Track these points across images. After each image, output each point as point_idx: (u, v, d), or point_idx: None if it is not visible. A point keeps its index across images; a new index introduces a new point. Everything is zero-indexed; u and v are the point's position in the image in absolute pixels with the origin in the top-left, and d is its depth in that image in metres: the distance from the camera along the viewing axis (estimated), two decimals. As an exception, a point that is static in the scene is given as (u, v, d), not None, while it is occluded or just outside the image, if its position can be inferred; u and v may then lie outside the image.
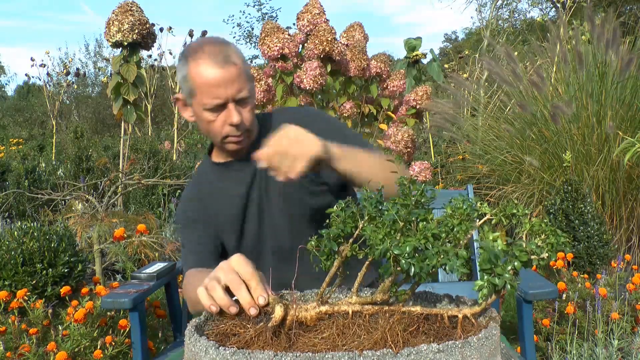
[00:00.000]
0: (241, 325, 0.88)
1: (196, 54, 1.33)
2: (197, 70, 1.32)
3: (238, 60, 1.33)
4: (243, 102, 1.35)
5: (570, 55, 3.59)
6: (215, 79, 1.31)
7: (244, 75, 1.34)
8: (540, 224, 0.83)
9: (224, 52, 1.32)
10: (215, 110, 1.34)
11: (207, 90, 1.32)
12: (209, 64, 1.31)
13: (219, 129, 1.37)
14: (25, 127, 15.81)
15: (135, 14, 3.92)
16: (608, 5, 11.32)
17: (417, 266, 0.79)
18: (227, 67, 1.31)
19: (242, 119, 1.36)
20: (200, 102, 1.34)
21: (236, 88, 1.32)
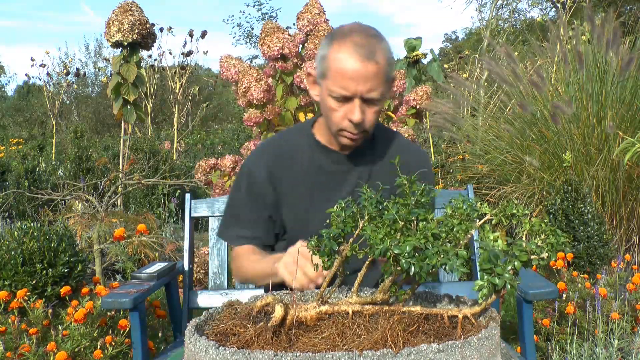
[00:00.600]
0: (241, 325, 0.88)
1: (343, 38, 1.28)
2: (337, 55, 1.28)
3: (382, 59, 1.28)
4: (371, 102, 1.31)
5: (570, 55, 3.59)
6: (351, 70, 1.26)
7: (382, 75, 1.29)
8: (540, 224, 0.83)
9: (370, 46, 1.27)
10: (340, 101, 1.31)
11: (338, 78, 1.28)
12: (350, 53, 1.26)
13: (338, 120, 1.34)
14: (25, 127, 15.81)
15: (135, 14, 3.92)
16: (608, 5, 11.32)
17: (417, 266, 0.79)
18: (367, 62, 1.26)
19: (364, 119, 1.32)
20: (328, 86, 1.31)
21: (368, 86, 1.28)
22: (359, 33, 1.29)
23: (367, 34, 1.29)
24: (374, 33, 1.31)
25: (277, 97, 3.44)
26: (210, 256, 1.99)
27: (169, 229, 4.13)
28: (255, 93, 3.28)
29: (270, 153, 1.50)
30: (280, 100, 3.46)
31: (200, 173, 3.74)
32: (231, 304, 0.97)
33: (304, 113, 3.47)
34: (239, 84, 3.35)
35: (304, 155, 1.47)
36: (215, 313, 0.96)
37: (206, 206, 2.00)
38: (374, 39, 1.29)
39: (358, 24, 1.33)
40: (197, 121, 13.24)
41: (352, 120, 1.31)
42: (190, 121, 12.62)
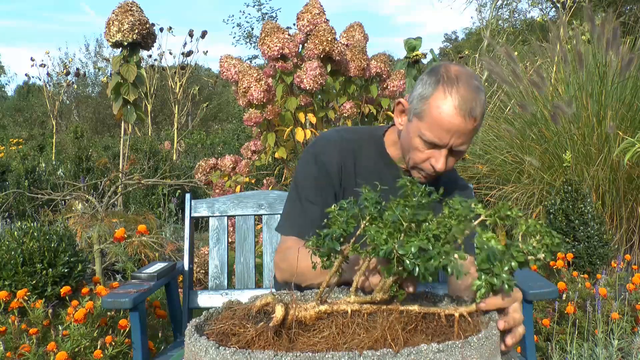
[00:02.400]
0: (241, 325, 0.88)
1: (449, 86, 1.26)
2: (439, 103, 1.26)
3: (480, 115, 1.28)
4: (457, 153, 1.33)
5: (570, 55, 3.59)
6: (450, 124, 1.26)
7: (474, 131, 1.30)
8: (536, 225, 0.84)
9: (473, 101, 1.26)
10: (428, 147, 1.31)
11: (435, 127, 1.27)
12: (454, 106, 1.25)
13: (420, 160, 1.34)
14: (25, 127, 15.82)
15: (135, 14, 3.92)
16: (608, 5, 11.32)
17: (422, 266, 0.79)
18: (468, 120, 1.26)
19: (446, 168, 1.33)
20: (421, 129, 1.30)
21: (460, 141, 1.29)
22: (465, 83, 1.27)
23: (472, 85, 1.28)
24: (477, 85, 1.29)
25: (277, 97, 3.44)
26: (210, 256, 1.99)
27: (169, 229, 4.13)
28: (255, 93, 3.28)
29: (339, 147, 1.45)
30: (280, 100, 3.46)
31: (200, 173, 3.74)
32: (231, 304, 0.97)
33: (304, 113, 3.47)
34: (239, 84, 3.35)
35: (369, 160, 1.46)
36: (216, 313, 0.96)
37: (206, 206, 2.01)
38: (477, 93, 1.28)
39: (464, 70, 1.31)
40: (197, 121, 13.25)
41: (435, 167, 1.32)
42: (190, 121, 12.63)
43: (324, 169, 1.42)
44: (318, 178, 1.42)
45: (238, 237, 2.00)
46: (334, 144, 1.45)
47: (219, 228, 2.00)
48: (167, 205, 4.97)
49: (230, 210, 1.99)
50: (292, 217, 1.43)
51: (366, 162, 1.45)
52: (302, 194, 1.42)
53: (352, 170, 1.43)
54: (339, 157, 1.43)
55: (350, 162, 1.43)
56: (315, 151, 1.45)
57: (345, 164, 1.43)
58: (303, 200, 1.42)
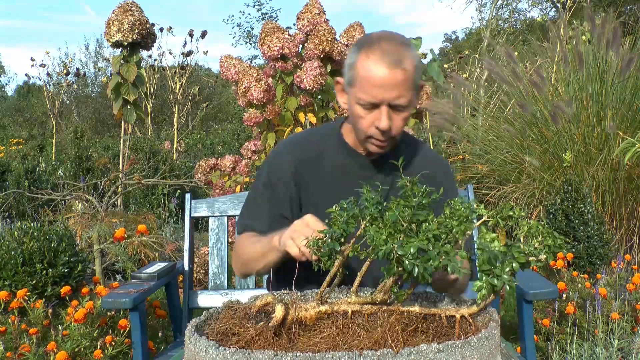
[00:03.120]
0: (241, 325, 0.88)
1: (371, 46, 1.29)
2: (365, 63, 1.28)
3: (410, 66, 1.28)
4: (398, 108, 1.32)
5: (570, 55, 3.59)
6: (378, 78, 1.27)
7: (409, 82, 1.29)
8: (538, 226, 0.84)
9: (398, 53, 1.27)
10: (368, 108, 1.31)
11: (366, 86, 1.29)
12: (378, 61, 1.27)
13: (365, 127, 1.34)
14: (25, 127, 15.82)
15: (135, 14, 3.92)
16: (608, 5, 11.33)
17: (421, 267, 0.79)
18: (395, 70, 1.26)
19: (391, 126, 1.32)
20: (356, 94, 1.32)
21: (395, 93, 1.28)
22: (387, 40, 1.30)
23: (395, 41, 1.30)
24: (402, 40, 1.31)
25: (277, 97, 3.44)
26: (210, 256, 1.99)
27: (169, 229, 4.13)
28: (255, 93, 3.28)
29: (298, 149, 1.48)
30: (280, 100, 3.46)
31: (200, 173, 3.74)
32: (231, 304, 0.97)
33: (304, 113, 3.47)
34: (239, 84, 3.35)
35: (331, 155, 1.47)
36: (215, 313, 0.96)
37: (206, 206, 2.01)
38: (401, 47, 1.29)
39: (386, 32, 1.34)
40: (197, 121, 13.25)
41: (379, 127, 1.31)
42: (190, 121, 12.62)
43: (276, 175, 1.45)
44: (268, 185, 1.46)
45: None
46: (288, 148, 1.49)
47: (219, 228, 2.00)
48: (167, 205, 4.96)
49: (230, 210, 1.99)
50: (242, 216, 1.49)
51: (327, 157, 1.46)
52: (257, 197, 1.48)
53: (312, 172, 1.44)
54: (293, 161, 1.45)
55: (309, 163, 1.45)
56: (270, 160, 1.50)
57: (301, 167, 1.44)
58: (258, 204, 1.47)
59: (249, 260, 1.38)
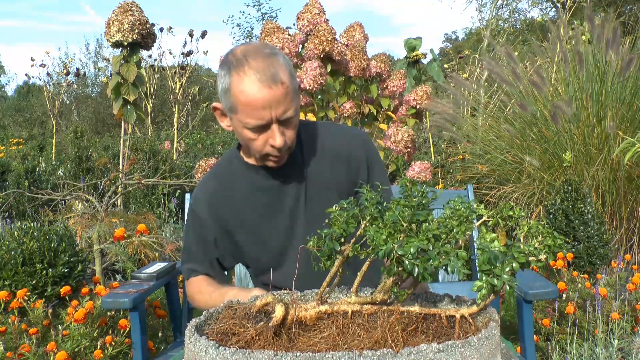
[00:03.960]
0: (241, 325, 0.88)
1: (241, 67, 1.22)
2: (241, 87, 1.21)
3: (286, 77, 1.22)
4: (287, 122, 1.27)
5: (570, 55, 3.59)
6: (261, 100, 1.20)
7: (291, 93, 1.24)
8: (538, 225, 0.84)
9: (271, 68, 1.21)
10: (257, 131, 1.26)
11: (250, 110, 1.22)
12: (254, 82, 1.20)
13: (260, 148, 1.30)
14: (25, 127, 15.82)
15: (135, 14, 3.92)
16: (608, 5, 11.32)
17: (421, 267, 0.79)
18: (274, 87, 1.20)
19: (285, 140, 1.27)
20: (241, 120, 1.26)
21: (282, 109, 1.23)
22: (254, 56, 1.22)
23: (262, 54, 1.23)
24: (269, 51, 1.25)
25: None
26: (210, 256, 1.99)
27: (169, 229, 4.13)
28: (255, 93, 3.28)
29: (209, 188, 1.48)
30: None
31: (200, 173, 3.74)
32: (231, 304, 0.97)
33: (304, 113, 3.47)
34: (239, 84, 3.34)
35: (239, 179, 1.44)
36: (216, 313, 0.96)
37: (206, 206, 2.00)
38: (270, 59, 1.23)
39: (250, 45, 1.28)
40: (197, 121, 13.25)
41: (275, 145, 1.27)
42: (190, 121, 12.62)
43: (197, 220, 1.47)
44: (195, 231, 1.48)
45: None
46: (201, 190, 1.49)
47: (219, 228, 1.99)
48: (167, 205, 4.96)
49: (230, 210, 1.99)
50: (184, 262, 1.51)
51: (238, 184, 1.45)
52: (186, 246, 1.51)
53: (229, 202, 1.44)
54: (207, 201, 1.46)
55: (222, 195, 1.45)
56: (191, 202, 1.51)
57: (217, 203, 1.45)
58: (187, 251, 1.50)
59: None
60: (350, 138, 1.46)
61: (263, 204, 1.42)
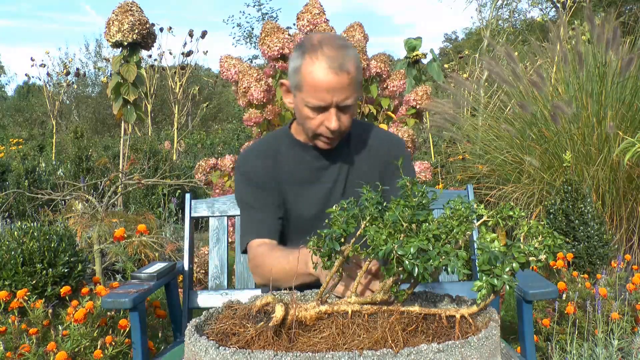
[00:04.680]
0: (241, 325, 0.88)
1: (314, 52, 1.34)
2: (311, 69, 1.34)
3: (352, 67, 1.35)
4: (345, 108, 1.38)
5: (570, 55, 3.59)
6: (326, 83, 1.33)
7: (354, 83, 1.36)
8: (538, 226, 0.84)
9: (341, 57, 1.33)
10: (317, 111, 1.38)
11: (314, 91, 1.35)
12: (323, 67, 1.32)
13: (315, 127, 1.41)
14: (25, 127, 15.82)
15: (135, 14, 3.92)
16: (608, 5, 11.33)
17: (421, 266, 0.79)
18: (341, 74, 1.32)
19: (340, 125, 1.39)
20: (304, 98, 1.38)
21: (343, 96, 1.35)
22: (329, 44, 1.35)
23: (337, 44, 1.36)
24: (342, 43, 1.37)
25: (277, 97, 3.44)
26: (210, 256, 1.99)
27: (169, 229, 4.13)
28: (255, 93, 3.28)
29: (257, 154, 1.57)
30: (280, 100, 3.46)
31: (200, 173, 3.74)
32: (231, 304, 0.97)
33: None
34: (239, 84, 3.35)
35: (287, 153, 1.55)
36: (215, 313, 0.96)
37: (206, 206, 2.01)
38: (343, 50, 1.35)
39: (326, 35, 1.40)
40: (197, 121, 13.25)
41: (329, 127, 1.39)
42: (190, 121, 12.62)
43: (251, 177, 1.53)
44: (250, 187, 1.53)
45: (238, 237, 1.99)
46: (250, 154, 1.58)
47: (219, 228, 2.00)
48: (167, 205, 4.96)
49: (230, 210, 1.99)
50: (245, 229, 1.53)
51: (284, 155, 1.55)
52: (244, 207, 1.55)
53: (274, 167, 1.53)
54: (259, 163, 1.54)
55: (270, 161, 1.54)
56: (240, 168, 1.57)
57: (267, 166, 1.53)
58: (248, 209, 1.53)
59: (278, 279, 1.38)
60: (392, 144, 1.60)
61: (304, 179, 1.52)
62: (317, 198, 1.52)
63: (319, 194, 1.52)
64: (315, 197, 1.52)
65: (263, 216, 1.50)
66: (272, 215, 1.50)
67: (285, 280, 1.33)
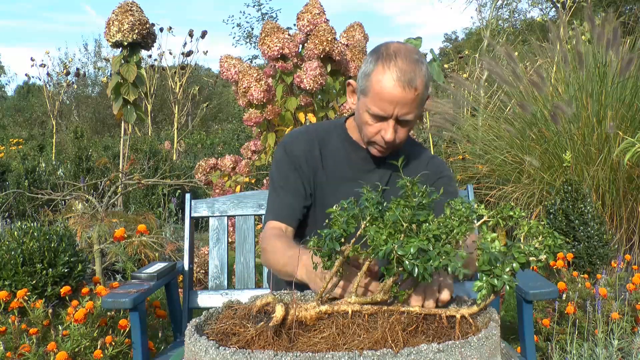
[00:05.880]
0: (241, 325, 0.88)
1: (388, 61, 1.34)
2: (380, 78, 1.34)
3: (421, 85, 1.34)
4: (405, 123, 1.39)
5: (570, 55, 3.59)
6: (392, 95, 1.33)
7: (418, 100, 1.36)
8: (538, 226, 0.84)
9: (412, 72, 1.33)
10: (376, 119, 1.39)
11: (378, 100, 1.35)
12: (393, 78, 1.32)
13: (371, 134, 1.42)
14: (25, 127, 15.82)
15: (135, 14, 3.92)
16: (608, 5, 11.33)
17: (421, 267, 0.79)
18: (408, 89, 1.32)
19: (396, 138, 1.40)
20: (367, 104, 1.38)
21: (405, 110, 1.35)
22: (403, 58, 1.34)
23: (411, 58, 1.35)
24: (416, 58, 1.36)
25: (277, 97, 3.44)
26: (210, 256, 1.99)
27: (169, 229, 4.13)
28: (255, 93, 3.28)
29: (306, 137, 1.56)
30: (280, 100, 3.46)
31: (200, 173, 3.74)
32: (231, 304, 0.97)
33: (304, 113, 3.47)
34: (239, 84, 3.35)
35: (335, 147, 1.55)
36: (216, 313, 0.96)
37: (206, 206, 2.01)
38: (416, 65, 1.34)
39: (403, 46, 1.39)
40: (197, 121, 13.25)
41: (384, 138, 1.39)
42: (190, 121, 12.62)
43: (292, 155, 1.52)
44: (287, 164, 1.53)
45: (238, 237, 2.00)
46: (299, 135, 1.57)
47: (219, 228, 2.00)
48: (167, 205, 4.96)
49: (230, 210, 1.99)
50: (270, 205, 1.53)
51: (332, 147, 1.55)
52: (275, 183, 1.53)
53: (319, 155, 1.53)
54: (304, 145, 1.53)
55: (316, 148, 1.54)
56: (284, 143, 1.56)
57: (312, 151, 1.53)
58: (277, 188, 1.52)
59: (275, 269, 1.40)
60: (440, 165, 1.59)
61: (345, 176, 1.52)
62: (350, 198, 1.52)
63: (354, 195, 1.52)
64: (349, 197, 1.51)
65: (288, 200, 1.49)
66: (297, 200, 1.49)
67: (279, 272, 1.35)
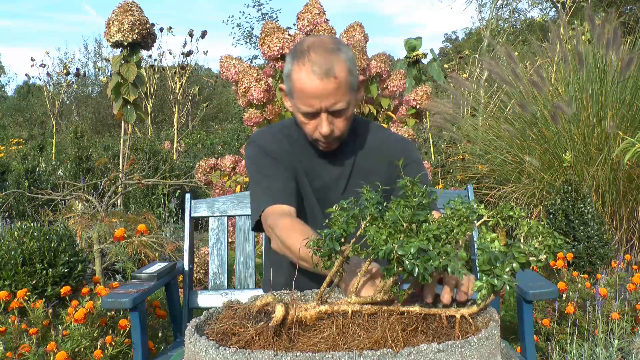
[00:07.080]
0: (241, 324, 0.88)
1: (302, 57, 1.34)
2: (298, 75, 1.34)
3: (341, 72, 1.33)
4: (337, 113, 1.38)
5: (570, 55, 3.59)
6: (312, 90, 1.32)
7: (344, 87, 1.34)
8: (538, 226, 0.84)
9: (329, 62, 1.31)
10: (308, 117, 1.38)
11: (302, 97, 1.35)
12: (309, 73, 1.32)
13: (310, 132, 1.42)
14: (25, 127, 15.83)
15: (135, 14, 3.92)
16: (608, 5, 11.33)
17: (421, 267, 0.79)
18: (327, 80, 1.31)
19: (333, 129, 1.39)
20: (295, 104, 1.39)
21: (331, 101, 1.34)
22: (317, 49, 1.33)
23: (325, 49, 1.33)
24: (333, 47, 1.34)
25: (277, 97, 3.44)
26: (210, 256, 1.99)
27: (169, 229, 4.13)
28: (255, 93, 3.28)
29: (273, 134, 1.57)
30: (280, 100, 3.46)
31: (200, 173, 3.74)
32: (231, 304, 0.97)
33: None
34: (239, 84, 3.35)
35: (296, 142, 1.54)
36: (216, 313, 0.96)
37: (206, 206, 2.01)
38: (331, 54, 1.33)
39: (317, 39, 1.38)
40: (197, 121, 13.24)
41: (321, 132, 1.39)
42: (190, 121, 12.62)
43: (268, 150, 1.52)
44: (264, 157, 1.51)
45: (238, 237, 2.00)
46: (266, 132, 1.57)
47: (219, 228, 2.00)
48: (167, 205, 4.97)
49: (230, 210, 1.99)
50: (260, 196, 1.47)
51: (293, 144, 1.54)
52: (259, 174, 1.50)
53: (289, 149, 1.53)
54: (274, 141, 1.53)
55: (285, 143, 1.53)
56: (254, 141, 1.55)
57: (282, 146, 1.53)
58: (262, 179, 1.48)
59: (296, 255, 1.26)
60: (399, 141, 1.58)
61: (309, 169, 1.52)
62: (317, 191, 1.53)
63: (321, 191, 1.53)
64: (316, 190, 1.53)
65: (278, 184, 1.45)
66: (288, 184, 1.46)
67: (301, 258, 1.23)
